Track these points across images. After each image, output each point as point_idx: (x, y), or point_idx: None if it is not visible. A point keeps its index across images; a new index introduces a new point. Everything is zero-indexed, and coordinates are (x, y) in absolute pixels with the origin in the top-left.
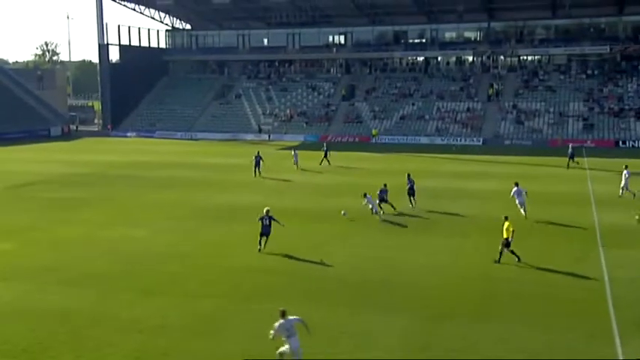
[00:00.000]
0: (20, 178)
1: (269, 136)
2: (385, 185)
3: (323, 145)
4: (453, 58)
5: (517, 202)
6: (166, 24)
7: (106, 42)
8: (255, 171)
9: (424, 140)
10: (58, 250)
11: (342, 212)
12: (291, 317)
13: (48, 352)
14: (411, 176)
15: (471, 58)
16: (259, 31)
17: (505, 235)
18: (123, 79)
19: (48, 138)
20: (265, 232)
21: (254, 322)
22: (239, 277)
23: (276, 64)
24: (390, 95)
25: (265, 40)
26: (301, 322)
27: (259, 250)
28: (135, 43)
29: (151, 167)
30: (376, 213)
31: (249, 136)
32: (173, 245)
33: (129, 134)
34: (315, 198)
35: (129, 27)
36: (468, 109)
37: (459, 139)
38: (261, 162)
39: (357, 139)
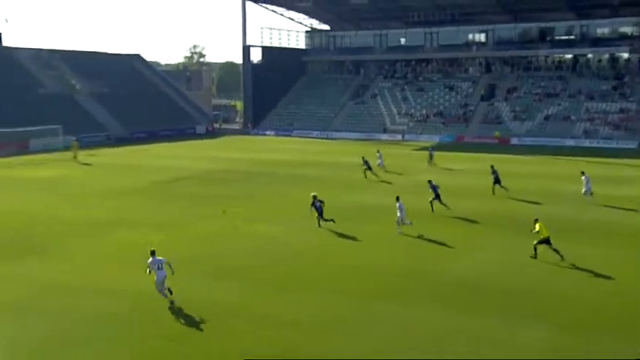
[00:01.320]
0: (170, 173)
1: (403, 136)
2: (430, 181)
3: (429, 149)
4: (606, 56)
5: None
6: (306, 25)
7: (248, 44)
8: (365, 173)
9: (570, 142)
10: (203, 243)
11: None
12: (158, 257)
13: (194, 339)
14: (495, 167)
15: (626, 55)
16: (396, 30)
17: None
18: (263, 79)
19: (194, 136)
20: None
21: (380, 323)
22: (366, 276)
23: (413, 63)
24: (533, 95)
25: (402, 40)
26: (167, 262)
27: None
28: (276, 44)
29: (289, 165)
30: (403, 223)
31: (384, 136)
32: (307, 242)
33: (268, 133)
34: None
35: (270, 29)
36: (621, 110)
37: (609, 141)
38: (369, 164)
39: (495, 141)
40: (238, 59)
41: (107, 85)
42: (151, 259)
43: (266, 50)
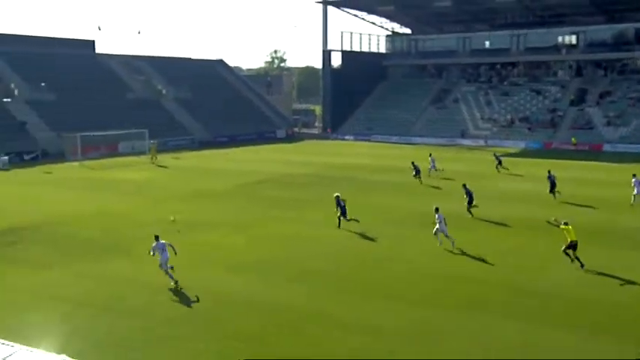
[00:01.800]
0: (251, 176)
1: (486, 142)
2: (464, 185)
3: (495, 154)
4: None
5: None
6: (387, 29)
7: (329, 48)
8: (416, 177)
9: None
10: (280, 245)
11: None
12: (162, 241)
13: (272, 341)
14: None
15: None
16: (481, 33)
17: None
18: (343, 83)
19: (274, 139)
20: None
21: (468, 333)
22: (449, 284)
23: (498, 66)
24: (628, 100)
25: (487, 43)
26: (170, 246)
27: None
28: (356, 48)
29: (366, 170)
30: (446, 236)
31: (466, 142)
32: (384, 248)
33: (347, 137)
34: (526, 207)
35: (351, 33)
36: None
37: None
38: (418, 169)
39: (587, 147)
40: (318, 64)
41: (191, 90)
42: (155, 243)
43: (346, 54)
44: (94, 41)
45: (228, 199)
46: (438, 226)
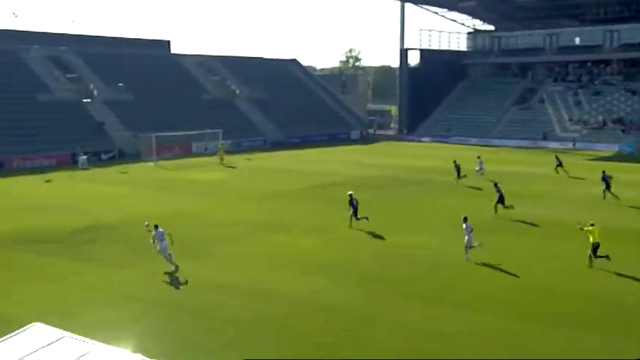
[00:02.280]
0: (323, 178)
1: (574, 144)
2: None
3: (556, 156)
4: None
5: None
6: (468, 26)
7: (406, 47)
8: (459, 178)
9: None
10: (351, 248)
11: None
12: (160, 230)
13: (344, 346)
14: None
15: None
16: (570, 29)
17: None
18: (421, 83)
19: (348, 141)
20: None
21: (548, 347)
22: (516, 294)
23: (589, 65)
24: None
25: (577, 39)
26: (168, 235)
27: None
28: (434, 46)
29: (443, 173)
30: (470, 247)
31: (553, 144)
32: (457, 254)
33: (423, 139)
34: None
35: (429, 31)
36: None
37: None
38: (460, 169)
39: None
40: (395, 63)
41: (265, 90)
42: (154, 232)
43: (424, 53)
44: (169, 41)
45: (300, 201)
46: (467, 237)
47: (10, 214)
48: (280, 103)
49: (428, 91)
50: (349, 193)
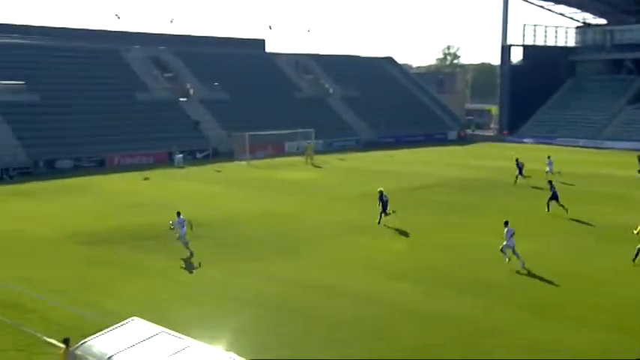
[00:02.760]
0: (416, 180)
1: None
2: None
3: (638, 157)
4: None
5: None
6: (577, 20)
7: (508, 43)
8: (518, 177)
9: None
10: (446, 254)
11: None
12: (182, 217)
13: (435, 354)
14: None
15: None
16: None
17: None
18: (523, 81)
19: (444, 142)
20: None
21: None
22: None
23: None
24: None
25: None
26: (189, 222)
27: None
28: (539, 42)
29: (542, 176)
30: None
31: None
32: (562, 263)
33: (525, 140)
34: None
35: (534, 26)
36: None
37: None
38: (522, 169)
39: None
40: (495, 60)
41: (358, 89)
42: (177, 219)
43: (528, 49)
44: (264, 40)
45: (391, 203)
46: (506, 241)
47: (111, 210)
48: (374, 102)
49: (531, 89)
50: (379, 189)
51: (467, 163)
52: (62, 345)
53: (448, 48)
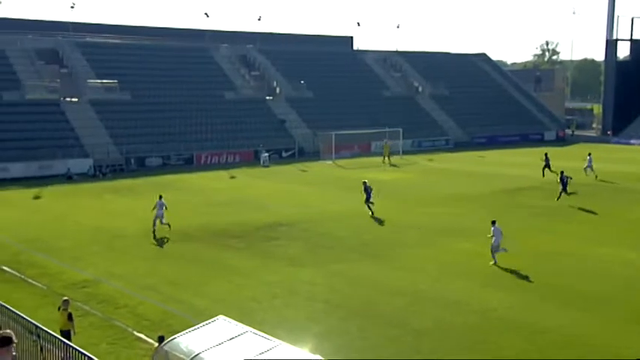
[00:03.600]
0: (510, 182)
1: None
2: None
3: None
4: None
5: None
6: None
7: (615, 37)
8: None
9: None
10: (544, 261)
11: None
12: (161, 201)
13: None
14: None
15: None
16: None
17: None
18: (630, 78)
19: (541, 142)
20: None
21: None
22: None
23: None
24: None
25: None
26: (164, 204)
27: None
28: None
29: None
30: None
31: None
32: None
33: (632, 142)
34: None
35: None
36: None
37: None
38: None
39: None
40: (599, 56)
41: (449, 87)
42: (158, 201)
43: (636, 44)
44: (352, 37)
45: (483, 206)
46: (493, 240)
47: (199, 208)
48: (465, 101)
49: (638, 87)
50: (364, 181)
51: (564, 166)
52: (152, 341)
53: (547, 43)
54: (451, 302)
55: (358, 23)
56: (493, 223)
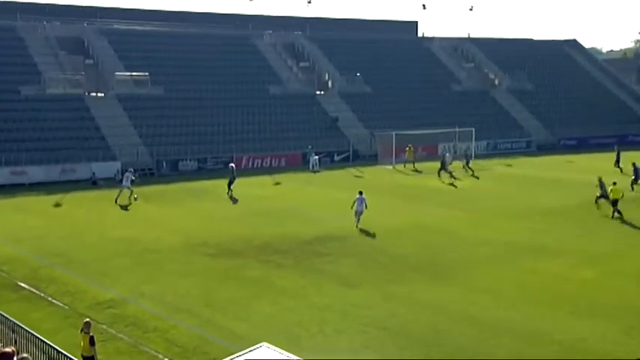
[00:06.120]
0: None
1: None
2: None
3: None
4: None
5: None
6: None
7: None
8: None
9: None
10: None
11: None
12: (129, 173)
13: None
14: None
15: None
16: None
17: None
18: None
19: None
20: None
21: None
22: None
23: None
24: None
25: None
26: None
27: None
28: None
29: None
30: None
31: None
32: None
33: None
34: None
35: None
36: None
37: None
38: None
39: None
40: None
41: (532, 80)
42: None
43: None
44: (416, 22)
45: (569, 219)
46: (356, 206)
47: (239, 218)
48: (551, 96)
49: None
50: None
51: None
52: None
53: None
54: (530, 333)
55: (424, 6)
56: (360, 193)
